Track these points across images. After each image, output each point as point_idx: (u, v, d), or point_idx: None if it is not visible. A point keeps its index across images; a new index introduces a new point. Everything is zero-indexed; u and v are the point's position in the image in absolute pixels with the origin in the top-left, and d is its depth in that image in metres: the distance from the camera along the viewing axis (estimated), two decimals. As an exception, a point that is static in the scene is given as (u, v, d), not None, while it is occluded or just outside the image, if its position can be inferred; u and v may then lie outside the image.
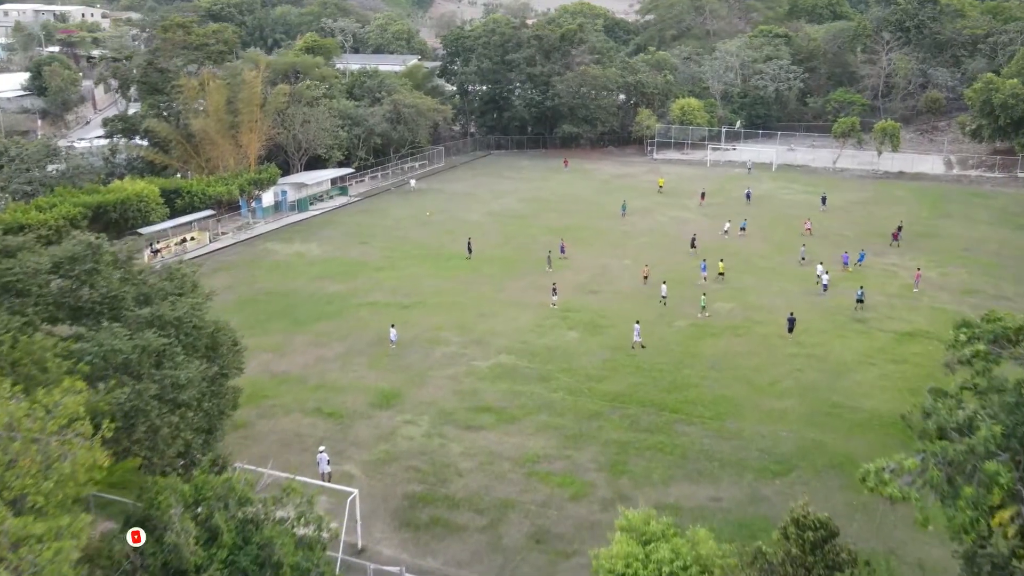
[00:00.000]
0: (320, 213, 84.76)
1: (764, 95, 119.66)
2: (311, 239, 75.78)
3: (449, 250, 71.82)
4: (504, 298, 60.40)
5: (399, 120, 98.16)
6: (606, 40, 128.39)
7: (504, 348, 51.67)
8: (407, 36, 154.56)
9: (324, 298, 60.63)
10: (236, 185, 76.31)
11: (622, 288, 62.23)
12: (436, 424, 42.63)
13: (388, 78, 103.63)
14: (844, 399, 44.95)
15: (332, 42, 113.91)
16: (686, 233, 75.41)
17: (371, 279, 64.72)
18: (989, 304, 58.16)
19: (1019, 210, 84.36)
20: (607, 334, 53.70)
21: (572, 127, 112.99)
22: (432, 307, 58.75)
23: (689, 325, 54.95)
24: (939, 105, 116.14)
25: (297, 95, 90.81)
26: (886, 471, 19.81)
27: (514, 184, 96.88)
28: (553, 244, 71.75)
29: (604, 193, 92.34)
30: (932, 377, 47.54)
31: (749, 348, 51.49)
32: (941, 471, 19.19)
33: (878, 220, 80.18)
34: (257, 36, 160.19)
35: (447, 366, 49.27)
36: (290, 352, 51.62)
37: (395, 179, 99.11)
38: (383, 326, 54.14)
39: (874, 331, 54.06)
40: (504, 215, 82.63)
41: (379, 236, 76.33)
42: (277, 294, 61.62)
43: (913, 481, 19.34)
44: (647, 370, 48.57)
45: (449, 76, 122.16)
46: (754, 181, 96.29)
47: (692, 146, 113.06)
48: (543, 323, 55.67)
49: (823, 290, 60.66)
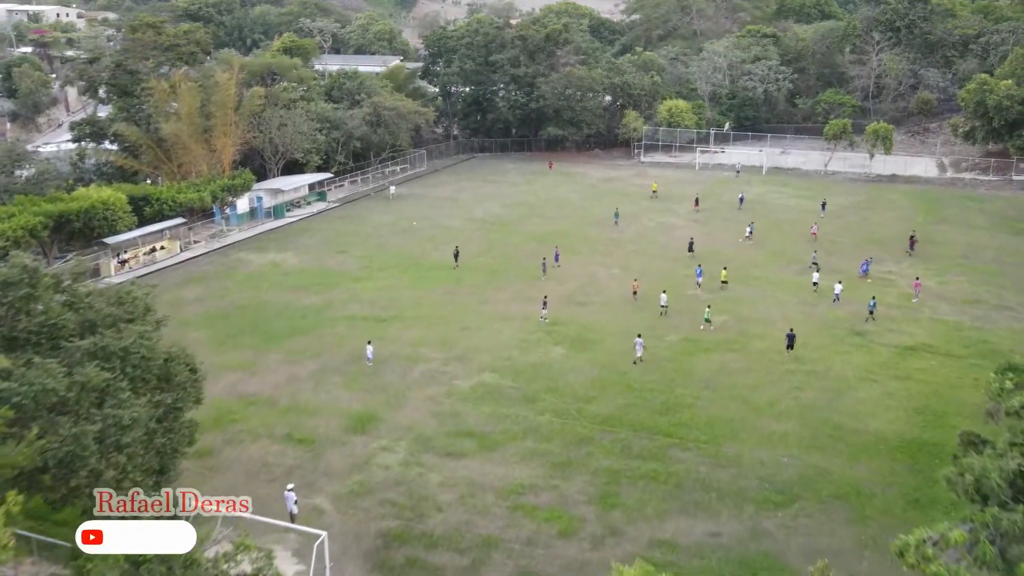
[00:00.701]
0: (297, 220, 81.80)
1: (753, 96, 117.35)
2: (287, 248, 72.83)
3: (430, 259, 69.04)
4: (487, 310, 57.68)
5: (379, 123, 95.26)
6: (592, 40, 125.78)
7: (487, 365, 48.95)
8: (389, 36, 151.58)
9: (298, 311, 57.74)
10: (208, 191, 73.22)
11: (611, 299, 59.60)
12: (414, 451, 39.87)
13: (368, 79, 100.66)
14: (846, 420, 42.46)
15: (310, 42, 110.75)
16: (676, 240, 73.00)
17: (348, 290, 61.86)
18: (992, 315, 56.05)
19: (1016, 214, 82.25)
20: (595, 350, 51.05)
21: (557, 129, 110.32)
22: (411, 320, 55.97)
23: (682, 340, 52.36)
24: (930, 106, 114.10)
25: (273, 97, 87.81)
26: (928, 544, 17.12)
27: (498, 188, 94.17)
28: (539, 252, 69.14)
29: (591, 198, 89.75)
30: (937, 395, 45.27)
31: (745, 364, 48.96)
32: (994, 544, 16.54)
33: (873, 225, 77.92)
34: (236, 36, 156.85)
35: (426, 386, 46.51)
36: (261, 371, 48.74)
37: (375, 184, 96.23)
38: (360, 342, 51.36)
39: (874, 345, 51.63)
40: (487, 221, 79.92)
41: (358, 244, 73.46)
42: (249, 307, 58.67)
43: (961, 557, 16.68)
44: (638, 389, 45.96)
45: (431, 77, 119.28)
46: (744, 185, 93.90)
47: (680, 148, 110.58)
48: (528, 338, 52.98)
49: (834, 300, 58.39)
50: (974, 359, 49.56)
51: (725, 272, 61.72)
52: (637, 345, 49.61)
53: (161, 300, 60.03)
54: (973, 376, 47.15)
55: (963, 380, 46.79)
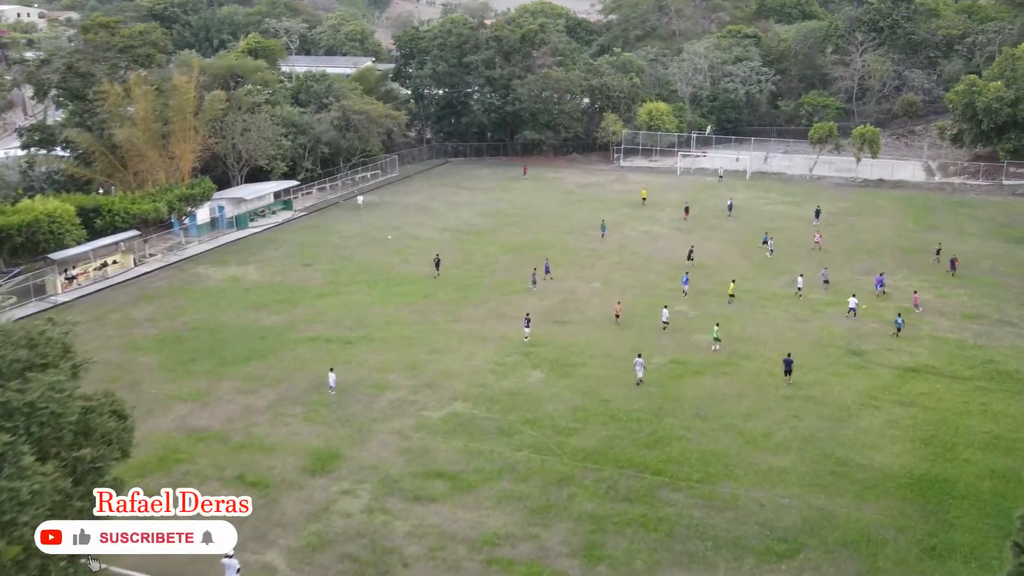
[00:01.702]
0: (261, 230, 77.69)
1: (734, 98, 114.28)
2: (249, 261, 68.73)
3: (400, 272, 65.24)
4: (460, 329, 53.97)
5: (348, 127, 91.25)
6: (568, 41, 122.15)
7: (459, 393, 45.25)
8: (361, 37, 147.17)
9: (258, 332, 53.74)
10: (165, 201, 68.98)
11: (592, 317, 56.04)
12: (379, 495, 36.09)
13: (337, 82, 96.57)
14: (850, 453, 39.11)
15: (276, 43, 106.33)
16: (661, 250, 69.61)
17: (312, 308, 57.93)
18: (994, 331, 53.06)
19: (1008, 221, 79.51)
20: (576, 374, 47.46)
21: (534, 133, 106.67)
22: (379, 342, 52.15)
23: (669, 362, 48.86)
24: (915, 108, 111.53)
25: (236, 101, 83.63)
26: None
27: (472, 195, 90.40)
28: (516, 264, 65.78)
29: (569, 205, 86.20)
30: (945, 423, 41.99)
31: (737, 389, 45.53)
32: None
33: (863, 233, 74.90)
34: (202, 37, 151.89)
35: (394, 417, 42.74)
36: (214, 401, 44.76)
37: (344, 191, 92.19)
38: (323, 366, 47.55)
39: (874, 366, 48.37)
40: (461, 231, 76.16)
41: (324, 256, 69.51)
42: (205, 328, 54.59)
43: None
44: (623, 419, 42.42)
45: (403, 79, 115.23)
46: (728, 190, 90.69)
47: (661, 152, 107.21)
48: (504, 361, 49.32)
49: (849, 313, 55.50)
50: (980, 381, 46.45)
51: (733, 285, 58.50)
52: (637, 366, 46.20)
53: (110, 320, 56.47)
54: (980, 401, 44.05)
55: (971, 406, 43.61)
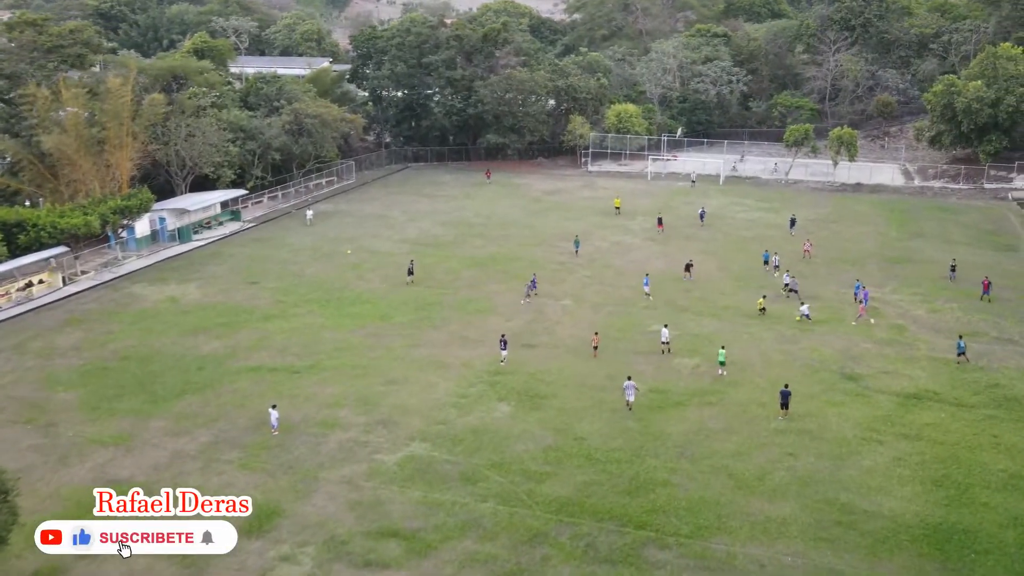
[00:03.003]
0: (205, 243, 72.26)
1: (705, 99, 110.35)
2: (190, 278, 63.35)
3: (354, 290, 60.27)
4: (419, 356, 49.17)
5: (301, 132, 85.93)
6: (533, 41, 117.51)
7: (417, 432, 40.49)
8: (317, 37, 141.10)
9: (194, 362, 48.53)
10: (97, 214, 63.33)
11: (563, 339, 51.48)
12: (323, 561, 31.26)
13: (289, 84, 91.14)
14: (855, 498, 34.91)
15: (223, 43, 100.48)
16: (634, 263, 65.32)
17: (257, 332, 52.80)
18: (995, 351, 49.29)
19: (994, 227, 76.19)
20: (548, 407, 42.87)
21: (498, 137, 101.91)
22: (329, 371, 47.21)
23: (648, 391, 44.34)
24: (890, 109, 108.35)
25: (179, 105, 78.09)
26: None
27: (433, 204, 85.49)
28: (479, 279, 61.36)
29: (536, 213, 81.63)
30: (956, 460, 37.86)
31: (725, 423, 41.22)
32: None
33: (846, 242, 71.12)
34: (151, 37, 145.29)
35: (343, 462, 37.88)
36: (139, 445, 39.59)
37: (297, 200, 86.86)
38: (264, 402, 42.61)
39: (871, 393, 44.32)
40: (421, 243, 71.23)
41: (272, 273, 64.31)
42: (135, 357, 49.26)
43: None
44: (601, 461, 37.93)
45: (360, 81, 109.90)
46: (701, 196, 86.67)
47: (630, 156, 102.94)
48: (467, 392, 44.62)
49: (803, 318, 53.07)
50: (987, 409, 42.56)
51: (763, 300, 54.86)
52: (628, 389, 41.84)
53: (30, 349, 50.84)
54: (991, 433, 40.12)
55: (981, 438, 39.65)
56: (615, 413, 42.02)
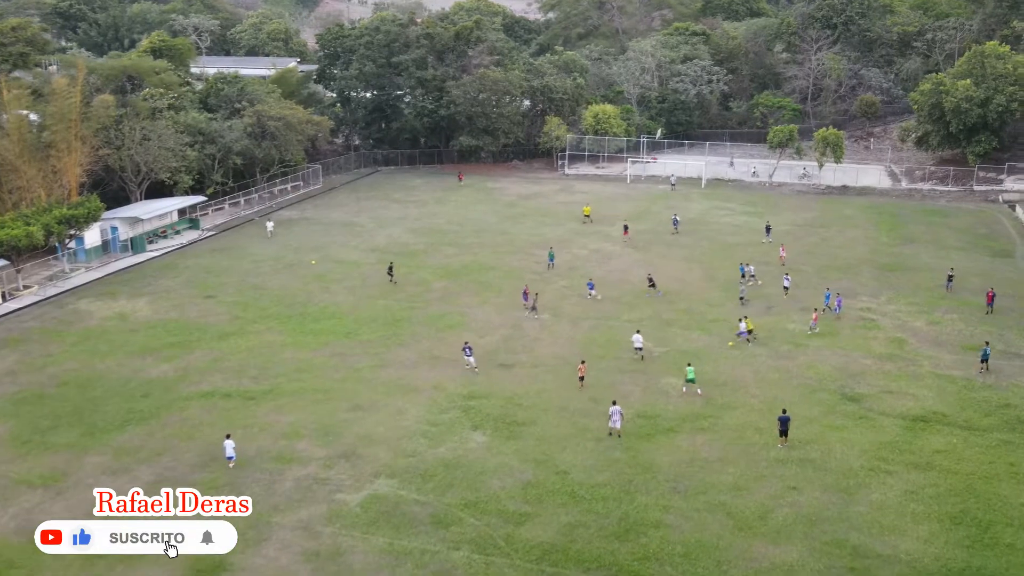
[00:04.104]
0: (161, 254, 67.99)
1: (685, 99, 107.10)
2: (142, 292, 59.11)
3: (318, 304, 56.32)
4: (387, 378, 45.38)
5: (264, 135, 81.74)
6: (506, 40, 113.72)
7: (384, 466, 36.71)
8: (284, 36, 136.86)
9: (140, 387, 44.44)
10: (40, 224, 58.88)
11: (543, 358, 47.83)
12: (273, 626, 27.50)
13: (251, 84, 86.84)
14: (867, 539, 31.54)
15: (183, 42, 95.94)
16: (615, 271, 61.98)
17: (211, 353, 48.73)
18: (1003, 366, 46.22)
19: (988, 232, 73.36)
20: (527, 436, 39.23)
21: (471, 139, 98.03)
22: (288, 396, 43.32)
23: (635, 416, 40.86)
24: (874, 109, 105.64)
25: (133, 107, 73.74)
26: None
27: (404, 209, 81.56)
28: (451, 291, 57.72)
29: (511, 219, 77.96)
30: (974, 493, 34.51)
31: (720, 452, 37.76)
32: None
33: (835, 248, 68.04)
34: (111, 36, 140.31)
35: (300, 503, 34.02)
36: (72, 486, 35.52)
37: (261, 206, 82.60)
38: (216, 432, 38.80)
39: (875, 415, 41.06)
40: (390, 251, 67.25)
41: (230, 285, 60.22)
42: (76, 383, 45.08)
43: None
44: (586, 498, 34.34)
45: (328, 81, 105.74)
46: (682, 200, 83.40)
47: (609, 159, 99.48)
48: (439, 419, 40.89)
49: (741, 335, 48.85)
50: (1001, 432, 39.41)
51: (749, 321, 49.78)
52: (613, 415, 38.41)
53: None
54: (1008, 461, 36.97)
55: (997, 467, 36.45)
56: (600, 442, 38.48)
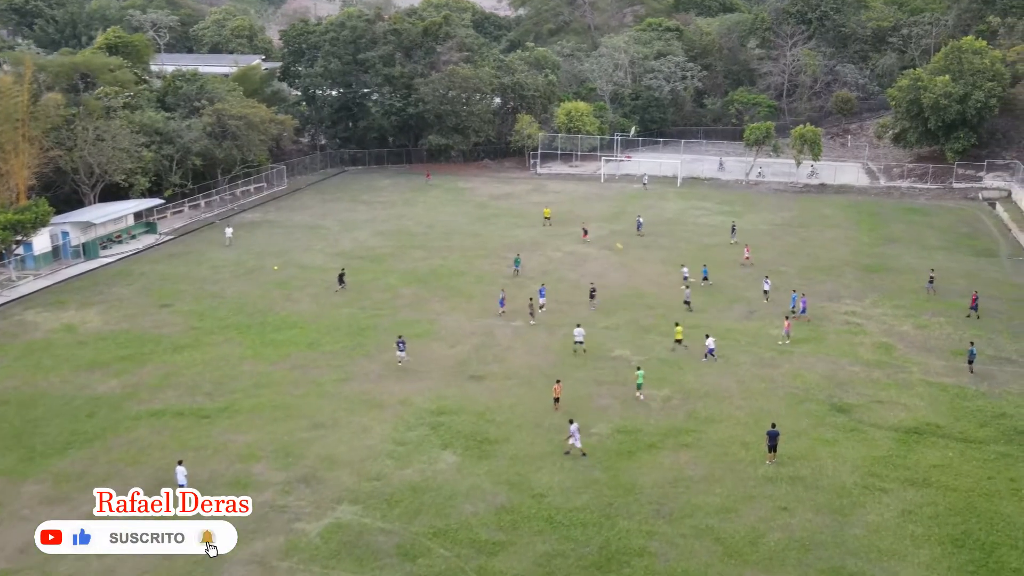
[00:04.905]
0: (115, 260, 64.85)
1: (659, 96, 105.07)
2: (92, 301, 56.03)
3: (279, 313, 53.53)
4: (350, 392, 42.77)
5: (225, 135, 78.63)
6: (476, 36, 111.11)
7: (347, 491, 34.11)
8: (249, 33, 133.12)
9: (86, 406, 41.51)
10: (-17, 231, 55.85)
11: (515, 368, 45.40)
12: None
13: (212, 82, 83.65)
14: (865, 566, 29.44)
15: (140, 38, 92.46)
16: (588, 276, 59.49)
17: (164, 367, 45.84)
18: (995, 372, 44.40)
19: (969, 230, 71.85)
20: (499, 455, 36.79)
21: (440, 138, 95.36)
22: (245, 414, 40.58)
23: (614, 431, 38.63)
24: (850, 105, 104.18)
25: (86, 106, 70.46)
26: None
27: (371, 211, 78.81)
28: (419, 298, 55.14)
29: (482, 220, 75.46)
30: (975, 512, 32.42)
31: (705, 470, 35.52)
32: None
33: (816, 248, 66.23)
34: (69, 34, 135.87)
35: (255, 534, 31.19)
36: (5, 519, 32.62)
37: (222, 209, 79.51)
38: (165, 456, 36.08)
39: (866, 427, 39.02)
40: (356, 256, 64.54)
41: (187, 293, 57.26)
42: (16, 402, 42.04)
43: None
44: (564, 524, 31.95)
45: (292, 79, 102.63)
46: (658, 200, 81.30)
47: (582, 157, 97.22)
48: (406, 437, 38.34)
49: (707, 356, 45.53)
50: (998, 445, 37.48)
51: (679, 329, 47.21)
52: (573, 434, 36.11)
53: None
54: (1008, 476, 35.02)
55: (997, 483, 34.48)
56: (577, 461, 36.12)
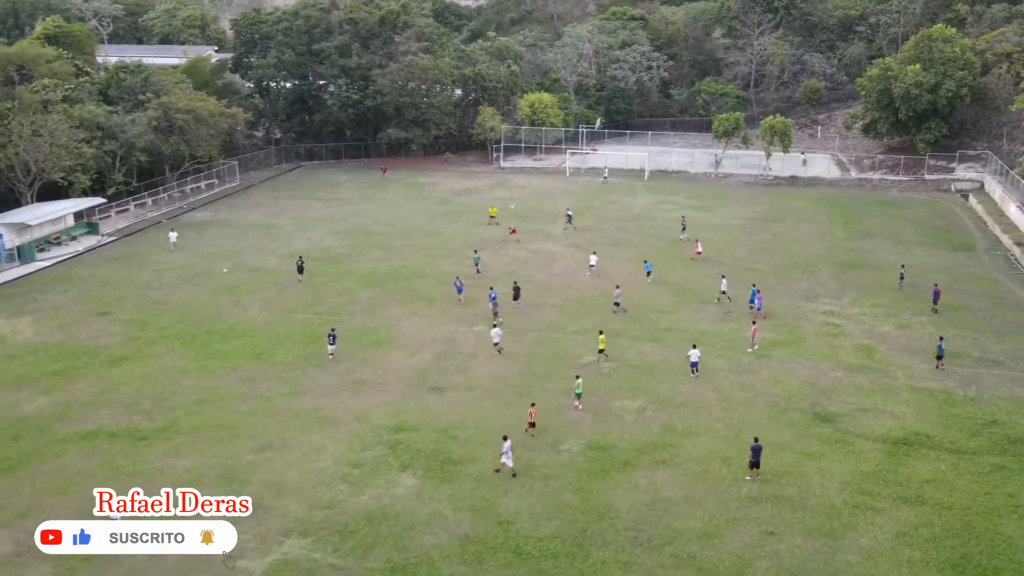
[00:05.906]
0: (52, 263, 61.00)
1: (624, 87, 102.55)
2: (24, 309, 52.27)
3: (227, 320, 50.18)
4: (302, 408, 39.66)
5: (172, 129, 74.79)
6: (436, 26, 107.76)
7: (296, 522, 31.07)
8: (201, 24, 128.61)
9: (10, 428, 37.99)
10: (-94, 236, 51.97)
11: (479, 377, 42.57)
12: None
13: (157, 74, 79.64)
14: (861, 598, 26.99)
15: (81, 27, 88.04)
16: (558, 277, 57.01)
17: (99, 382, 42.38)
18: (982, 376, 42.40)
19: (943, 223, 70.17)
20: (463, 477, 33.92)
21: (399, 131, 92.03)
22: (186, 435, 37.33)
23: (585, 447, 36.00)
24: (819, 95, 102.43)
25: (20, 100, 66.40)
26: None
27: (327, 209, 75.43)
28: (376, 303, 52.13)
29: (444, 217, 72.44)
30: (974, 533, 30.09)
31: (685, 490, 32.93)
32: None
33: (790, 244, 64.09)
34: (11, 24, 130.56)
35: (190, 574, 28.21)
36: (-89, 562, 29.27)
37: (171, 207, 75.68)
38: (98, 482, 32.52)
39: (853, 439, 36.70)
40: (311, 257, 61.15)
41: (129, 300, 53.66)
42: (-67, 424, 38.56)
43: None
44: (533, 555, 29.23)
45: (244, 71, 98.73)
46: (625, 195, 78.82)
47: (546, 150, 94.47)
48: (361, 458, 35.36)
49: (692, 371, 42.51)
50: (992, 456, 35.34)
51: (603, 338, 44.17)
52: (506, 453, 33.48)
53: None
54: (1006, 492, 32.86)
55: (995, 499, 32.30)
56: (547, 481, 33.39)
